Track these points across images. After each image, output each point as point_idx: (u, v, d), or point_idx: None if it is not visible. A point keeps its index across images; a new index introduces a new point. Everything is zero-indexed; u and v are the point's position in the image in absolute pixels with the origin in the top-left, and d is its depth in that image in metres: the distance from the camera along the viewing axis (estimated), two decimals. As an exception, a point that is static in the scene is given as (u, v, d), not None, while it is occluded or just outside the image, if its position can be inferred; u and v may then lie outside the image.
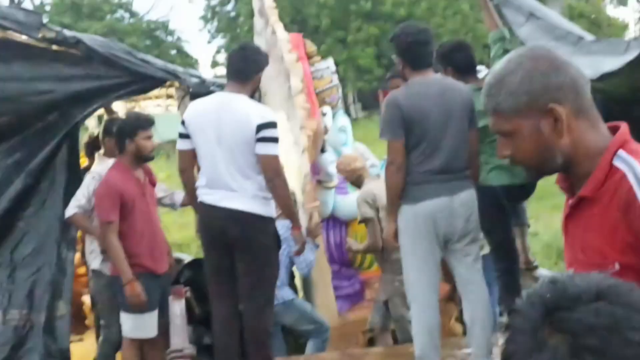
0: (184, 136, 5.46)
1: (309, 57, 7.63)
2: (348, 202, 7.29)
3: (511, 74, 2.18)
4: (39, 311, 6.42)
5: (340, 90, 7.88)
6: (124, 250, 5.84)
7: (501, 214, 5.77)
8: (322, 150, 7.19)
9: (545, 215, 11.43)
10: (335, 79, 7.77)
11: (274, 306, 5.66)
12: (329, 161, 7.21)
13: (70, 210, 6.21)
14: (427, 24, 29.60)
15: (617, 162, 2.14)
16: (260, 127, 5.21)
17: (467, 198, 5.35)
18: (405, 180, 5.31)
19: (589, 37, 5.86)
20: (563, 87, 2.15)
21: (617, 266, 2.12)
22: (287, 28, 7.84)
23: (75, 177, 6.63)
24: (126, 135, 5.99)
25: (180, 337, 5.19)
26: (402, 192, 5.32)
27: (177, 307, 5.78)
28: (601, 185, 2.15)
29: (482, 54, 19.44)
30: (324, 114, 7.35)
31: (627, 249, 2.12)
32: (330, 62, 7.84)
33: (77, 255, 7.05)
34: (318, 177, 7.25)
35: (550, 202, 10.45)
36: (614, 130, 2.22)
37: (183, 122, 5.45)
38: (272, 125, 5.26)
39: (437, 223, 5.28)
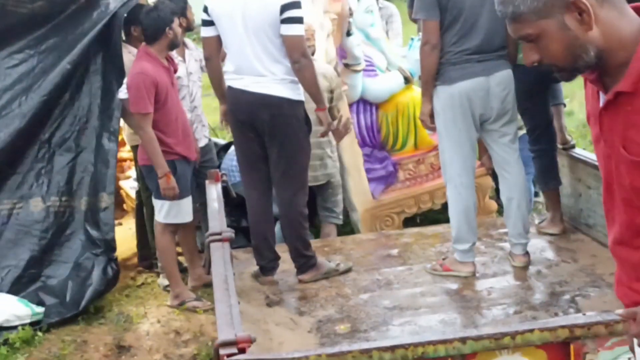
0: (208, 23, 5.35)
1: None
2: (377, 84, 7.22)
3: None
4: (80, 198, 6.49)
5: None
6: (159, 140, 5.86)
7: (538, 95, 5.69)
8: (348, 34, 7.07)
9: (580, 94, 11.30)
10: None
11: None
12: (356, 44, 7.08)
13: (122, 94, 6.18)
14: None
15: None
16: (284, 8, 5.10)
17: (503, 78, 5.30)
18: (441, 61, 5.25)
19: None
20: None
21: None
22: None
23: (115, 63, 6.55)
24: (165, 24, 5.93)
25: (217, 221, 5.21)
26: (437, 72, 5.27)
27: (214, 191, 5.80)
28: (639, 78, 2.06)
29: None
30: None
31: None
32: None
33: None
34: (345, 60, 7.16)
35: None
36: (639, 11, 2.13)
37: (206, 9, 5.33)
38: (296, 5, 5.14)
39: (473, 103, 5.25)
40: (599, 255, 5.52)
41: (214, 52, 5.48)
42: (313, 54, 6.66)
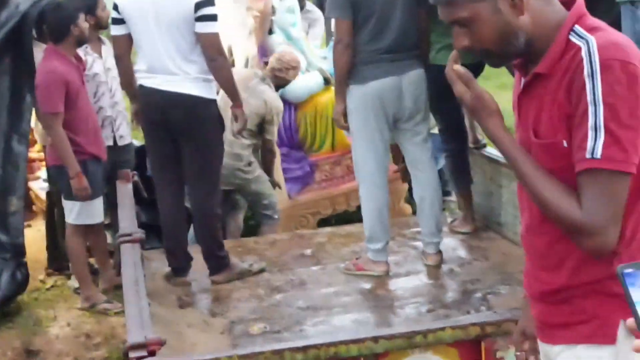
0: (118, 21, 5.24)
1: None
2: (296, 84, 7.18)
3: None
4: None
5: None
6: (70, 140, 5.75)
7: (450, 94, 5.69)
8: (270, 32, 7.05)
9: (494, 94, 11.45)
10: None
11: None
12: (277, 43, 7.08)
13: None
14: None
15: (572, 38, 2.11)
16: (198, 5, 5.02)
17: (416, 77, 5.32)
18: (354, 60, 5.25)
19: None
20: None
21: (565, 143, 2.11)
22: None
23: (25, 63, 6.34)
24: (70, 22, 5.82)
25: (128, 221, 5.15)
26: (350, 72, 5.27)
27: (125, 191, 5.74)
28: (557, 61, 2.12)
29: None
30: None
31: (570, 125, 2.10)
32: None
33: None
34: (265, 59, 7.13)
35: (496, 81, 10.44)
36: (567, 4, 2.19)
37: (116, 7, 5.22)
38: (210, 2, 5.06)
39: (386, 103, 5.26)
40: (510, 253, 5.58)
41: (125, 51, 5.38)
42: (279, 87, 6.86)
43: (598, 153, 2.01)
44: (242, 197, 6.86)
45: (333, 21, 5.48)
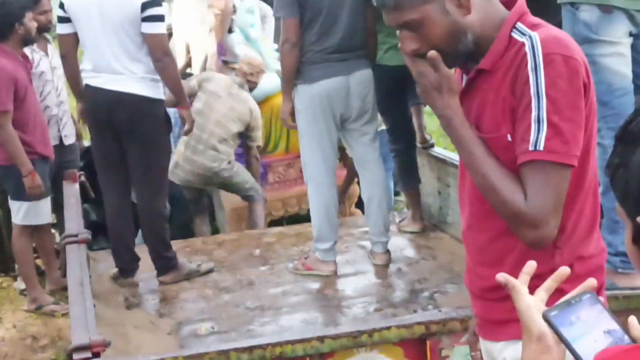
0: (64, 20, 5.19)
1: None
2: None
3: None
4: None
5: None
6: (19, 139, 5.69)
7: (397, 94, 5.76)
8: (230, 31, 7.03)
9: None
10: None
11: None
12: (236, 42, 7.07)
13: None
14: None
15: (515, 35, 2.15)
16: (145, 6, 4.99)
17: (363, 77, 5.34)
18: (301, 60, 5.26)
19: None
20: None
21: (509, 137, 2.13)
22: None
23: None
24: (15, 20, 5.75)
25: (74, 222, 5.09)
26: (297, 71, 5.27)
27: (71, 191, 5.68)
28: (500, 57, 2.15)
29: None
30: None
31: (514, 119, 2.12)
32: None
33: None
34: (224, 57, 7.11)
35: None
36: (507, 4, 2.22)
37: (62, 5, 5.17)
38: (156, 3, 5.05)
39: (334, 103, 5.27)
40: (457, 252, 5.61)
41: (70, 50, 5.34)
42: (252, 90, 6.84)
43: (541, 145, 2.03)
44: (224, 191, 7.04)
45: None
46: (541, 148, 2.04)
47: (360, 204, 6.80)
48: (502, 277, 1.36)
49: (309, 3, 5.17)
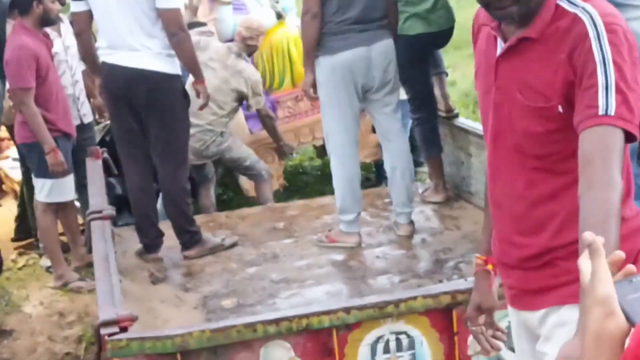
0: None
1: None
2: None
3: None
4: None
5: None
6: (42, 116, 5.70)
7: (419, 63, 5.72)
8: None
9: (462, 64, 11.44)
10: None
11: None
12: None
13: None
14: None
15: (563, 4, 2.14)
16: None
17: (385, 47, 5.31)
18: (322, 31, 5.23)
19: None
20: None
21: (560, 108, 2.12)
22: None
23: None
24: None
25: (98, 198, 5.11)
26: (318, 43, 5.24)
27: (95, 168, 5.69)
28: (547, 26, 2.15)
29: None
30: None
31: (568, 89, 2.11)
32: None
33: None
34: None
35: (467, 51, 10.45)
36: None
37: None
38: None
39: (355, 74, 5.25)
40: (481, 221, 5.47)
41: (85, 27, 5.34)
42: (251, 54, 6.72)
43: (612, 110, 2.01)
44: (222, 167, 6.89)
45: None
46: (612, 113, 2.01)
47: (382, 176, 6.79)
48: (589, 235, 1.32)
49: None
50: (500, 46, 2.27)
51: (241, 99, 6.60)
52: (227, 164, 6.79)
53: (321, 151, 7.73)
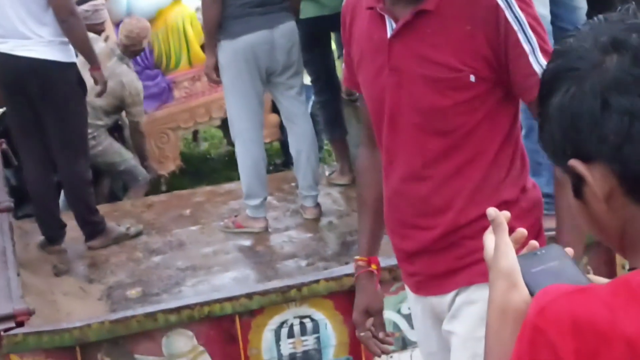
0: None
1: None
2: (145, 1, 6.94)
3: None
4: None
5: None
6: None
7: (317, 46, 5.73)
8: None
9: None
10: None
11: None
12: None
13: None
14: None
15: None
16: None
17: (287, 30, 5.29)
18: (223, 15, 5.18)
19: None
20: None
21: (472, 78, 2.13)
22: None
23: None
24: None
25: (-4, 189, 5.00)
26: (220, 26, 5.19)
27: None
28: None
29: None
30: None
31: (480, 61, 2.12)
32: None
33: None
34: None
35: None
36: None
37: None
38: None
39: (258, 57, 5.22)
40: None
41: None
42: (136, 56, 6.52)
43: None
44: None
45: None
46: None
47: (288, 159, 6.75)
48: (493, 210, 1.31)
49: None
50: (391, 26, 2.23)
51: (119, 106, 6.50)
52: (101, 167, 6.60)
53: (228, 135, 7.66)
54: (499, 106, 2.20)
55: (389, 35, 2.23)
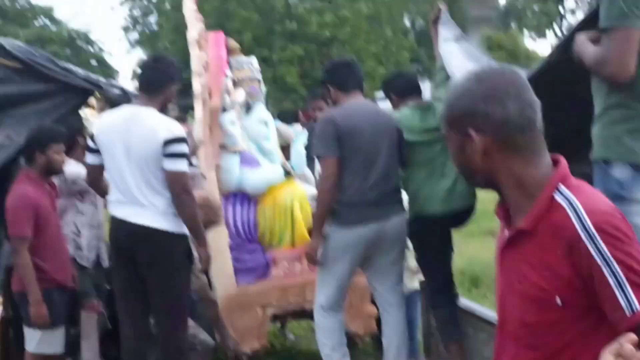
0: (93, 151, 5.34)
1: (231, 52, 7.34)
2: (258, 175, 6.87)
3: (456, 88, 2.26)
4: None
5: (262, 86, 7.47)
6: (37, 267, 5.68)
7: (436, 245, 5.72)
8: (223, 109, 6.78)
9: (458, 241, 11.45)
10: (258, 75, 7.39)
11: None
12: (229, 120, 6.79)
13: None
14: (350, 45, 29.54)
15: (558, 197, 2.17)
16: (167, 142, 5.11)
17: (398, 223, 5.45)
18: (337, 199, 5.35)
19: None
20: (491, 118, 2.19)
21: (558, 301, 2.13)
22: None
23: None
24: (37, 147, 5.82)
25: (91, 353, 5.07)
26: (333, 212, 5.36)
27: (90, 322, 5.64)
28: (540, 219, 2.17)
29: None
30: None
31: (568, 287, 2.13)
32: (253, 59, 7.50)
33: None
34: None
35: (484, 225, 10.51)
36: (554, 161, 2.25)
37: (92, 137, 5.33)
38: (179, 140, 5.15)
39: (366, 248, 5.37)
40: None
41: (97, 180, 5.47)
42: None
43: (636, 305, 2.04)
44: None
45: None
46: (638, 308, 2.04)
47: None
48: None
49: (347, 144, 5.29)
50: (505, 235, 2.30)
51: None
52: None
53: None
54: (594, 330, 2.17)
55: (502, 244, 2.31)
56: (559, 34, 45.31)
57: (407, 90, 5.97)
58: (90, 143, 5.37)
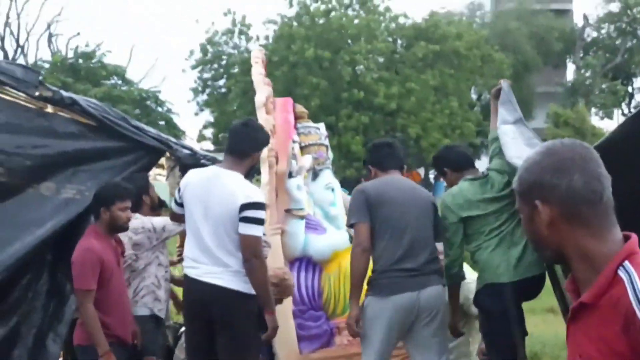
0: (178, 204, 5.53)
1: (299, 117, 7.43)
2: (323, 241, 6.88)
3: (527, 160, 2.29)
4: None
5: (329, 152, 7.54)
6: (99, 320, 5.74)
7: (503, 315, 5.45)
8: (290, 175, 6.83)
9: (537, 319, 11.33)
10: (325, 141, 7.48)
11: None
12: (296, 185, 6.82)
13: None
14: (415, 116, 29.68)
15: (620, 272, 2.13)
16: (243, 207, 5.21)
17: (433, 293, 5.42)
18: (374, 268, 5.41)
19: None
20: (557, 189, 2.19)
21: None
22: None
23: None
24: (102, 203, 5.91)
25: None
26: (369, 281, 5.41)
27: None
28: (602, 293, 2.14)
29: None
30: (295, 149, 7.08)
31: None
32: (321, 125, 7.60)
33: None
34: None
35: (546, 302, 10.39)
36: (625, 238, 2.22)
37: (179, 190, 5.50)
38: (256, 206, 5.25)
39: (403, 317, 5.35)
40: None
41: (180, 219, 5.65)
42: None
43: None
44: None
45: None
46: None
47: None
48: None
49: (377, 213, 5.38)
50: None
51: None
52: None
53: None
54: None
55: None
56: (627, 112, 44.95)
57: (463, 164, 5.97)
58: (176, 195, 5.57)
